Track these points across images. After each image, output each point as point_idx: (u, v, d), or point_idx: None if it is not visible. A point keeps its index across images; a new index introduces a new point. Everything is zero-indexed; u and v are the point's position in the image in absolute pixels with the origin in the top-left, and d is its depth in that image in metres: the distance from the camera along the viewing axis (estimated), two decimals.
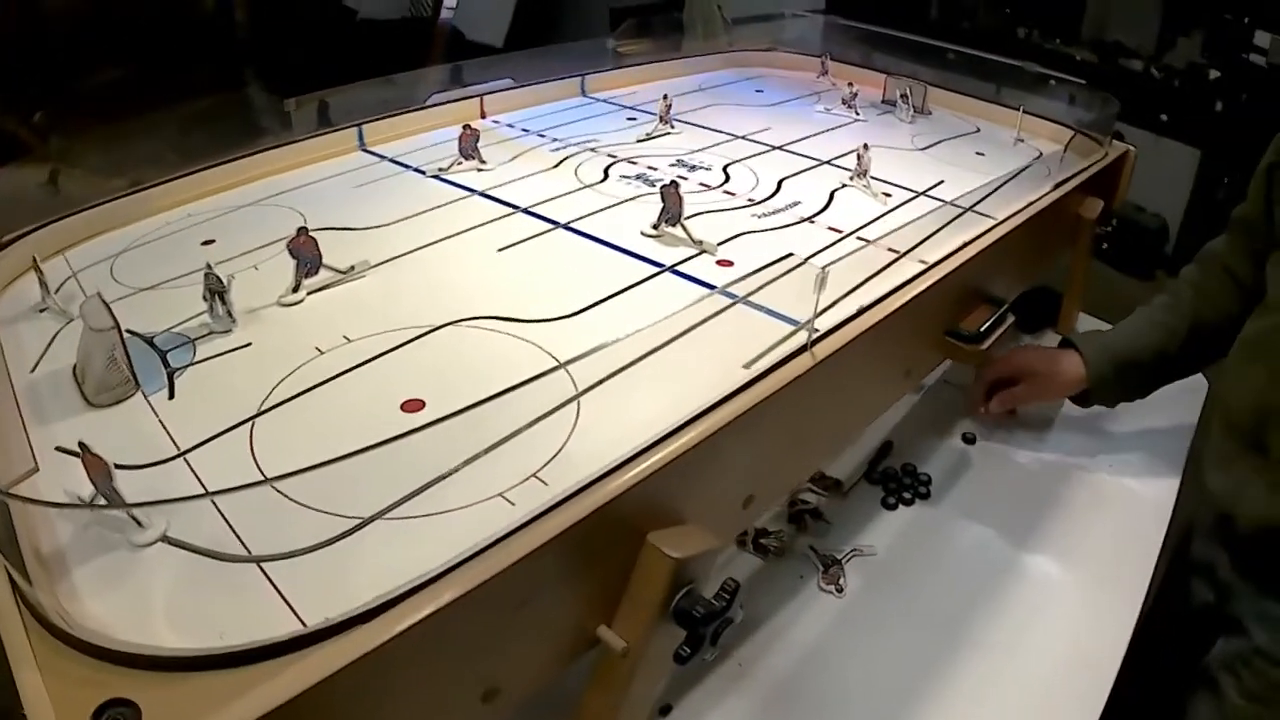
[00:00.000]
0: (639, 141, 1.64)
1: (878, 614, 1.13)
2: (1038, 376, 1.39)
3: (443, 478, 0.75)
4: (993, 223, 1.24)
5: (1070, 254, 1.65)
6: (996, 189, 1.29)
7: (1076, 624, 1.13)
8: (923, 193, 1.43)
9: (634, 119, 1.79)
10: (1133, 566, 1.21)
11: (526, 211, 1.32)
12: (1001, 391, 1.42)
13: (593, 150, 1.59)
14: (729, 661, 1.05)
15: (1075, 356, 1.37)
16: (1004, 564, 1.22)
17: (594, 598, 0.75)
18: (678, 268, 1.16)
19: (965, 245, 1.18)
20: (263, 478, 0.79)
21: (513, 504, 0.74)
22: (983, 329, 1.21)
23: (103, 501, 0.72)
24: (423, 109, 1.69)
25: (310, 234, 1.09)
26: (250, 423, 0.86)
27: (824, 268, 0.90)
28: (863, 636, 1.10)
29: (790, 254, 0.97)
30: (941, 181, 1.47)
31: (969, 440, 1.44)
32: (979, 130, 1.78)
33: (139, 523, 0.71)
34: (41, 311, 1.07)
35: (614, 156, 1.56)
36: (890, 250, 1.15)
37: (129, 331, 0.97)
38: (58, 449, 0.81)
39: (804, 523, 1.25)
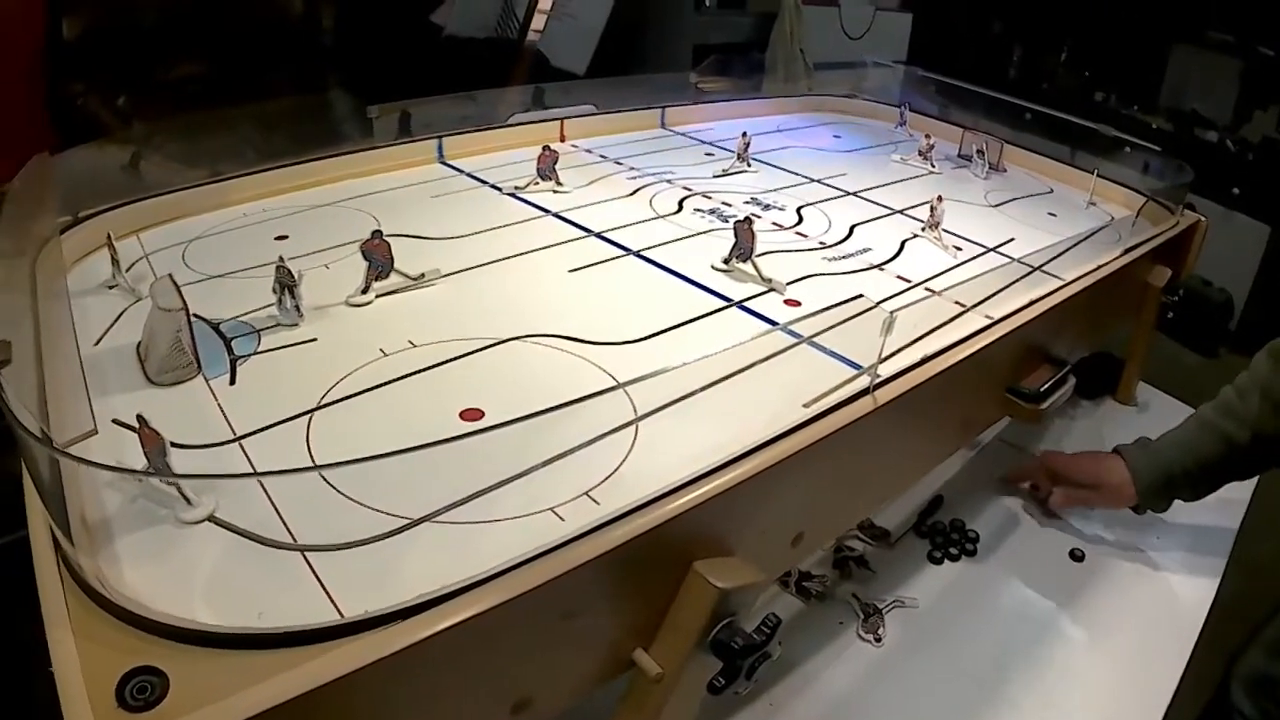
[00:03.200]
0: (715, 177, 1.65)
1: (914, 666, 1.11)
2: (1101, 489, 1.34)
3: (496, 487, 0.75)
4: (1060, 283, 1.23)
5: (1135, 321, 1.63)
6: (1066, 250, 1.28)
7: (1109, 695, 1.10)
8: (993, 249, 1.42)
9: (711, 154, 1.80)
10: (1169, 643, 1.19)
11: (599, 236, 1.33)
12: (1068, 491, 1.37)
13: (669, 182, 1.60)
14: (761, 700, 1.04)
15: (1125, 469, 1.31)
16: (1043, 628, 1.19)
17: (634, 620, 0.75)
18: (745, 304, 1.16)
19: (1031, 304, 1.17)
20: (312, 464, 0.79)
21: (563, 519, 0.74)
22: (1043, 388, 1.19)
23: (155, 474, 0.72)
24: (503, 127, 1.71)
25: (384, 238, 1.10)
26: (309, 416, 0.86)
27: (892, 312, 0.89)
28: (896, 688, 1.08)
29: (860, 295, 0.97)
30: (1012, 239, 1.46)
31: (1077, 558, 1.35)
32: (1052, 191, 1.77)
33: (188, 500, 0.72)
34: (111, 288, 1.09)
35: (689, 190, 1.56)
36: (957, 303, 1.14)
37: (196, 316, 0.99)
38: (114, 422, 0.82)
39: (848, 569, 1.24)
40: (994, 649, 1.15)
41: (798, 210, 1.52)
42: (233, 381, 0.92)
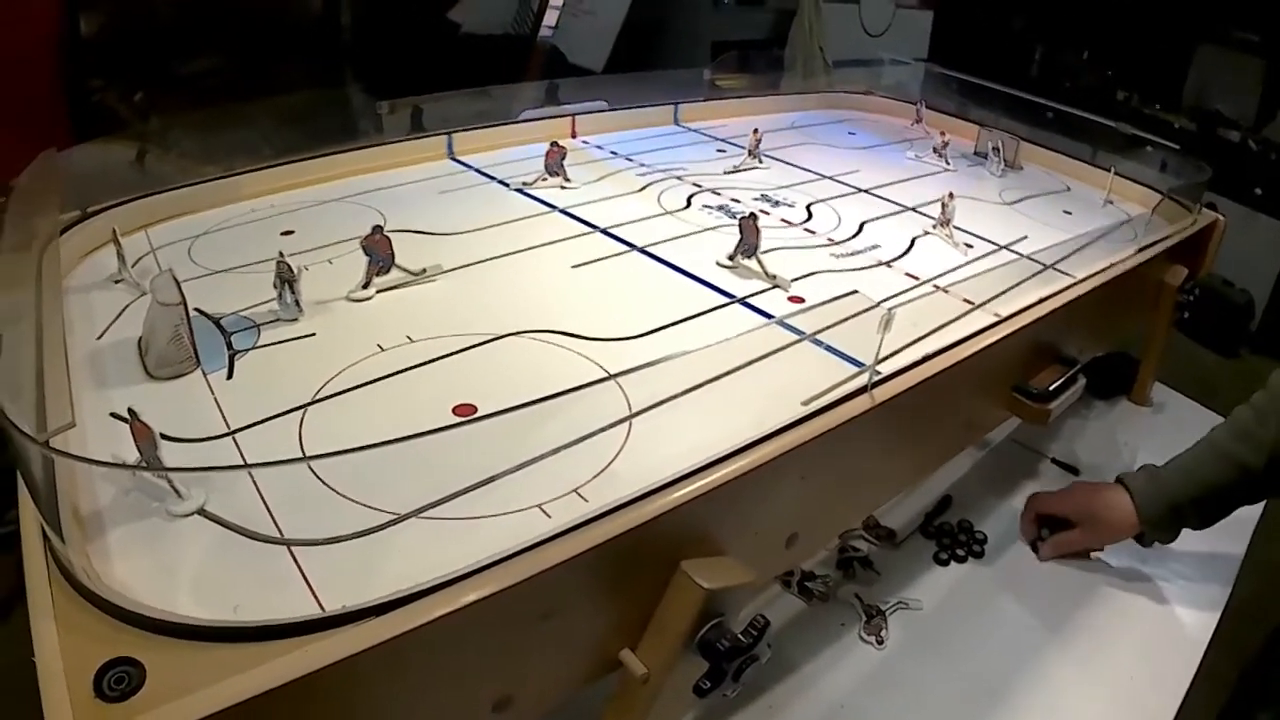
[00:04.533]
0: (726, 173, 1.64)
1: (915, 670, 1.10)
2: (1094, 523, 1.27)
3: (483, 483, 0.75)
4: (1071, 281, 1.22)
5: (1150, 321, 1.61)
6: (1080, 248, 1.26)
7: (1116, 701, 1.09)
8: (1005, 246, 1.40)
9: (723, 151, 1.79)
10: (1179, 648, 1.17)
11: (605, 232, 1.32)
12: (1056, 537, 1.30)
13: (679, 178, 1.59)
14: (758, 702, 1.03)
15: (1128, 499, 1.23)
16: (1050, 632, 1.18)
17: (620, 619, 0.74)
18: (749, 300, 1.15)
19: (1041, 301, 1.15)
20: (300, 457, 0.79)
21: (549, 516, 0.74)
22: (1051, 388, 1.18)
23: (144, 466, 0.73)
24: (514, 123, 1.71)
25: (385, 233, 1.10)
26: (302, 411, 0.86)
27: (890, 310, 0.88)
28: (898, 691, 1.07)
29: (854, 291, 0.95)
30: (1025, 237, 1.45)
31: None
32: (1069, 189, 1.75)
33: (178, 493, 0.72)
34: (117, 283, 1.10)
35: (699, 186, 1.56)
36: (965, 300, 1.13)
37: (198, 311, 1.00)
38: (112, 415, 0.82)
39: (852, 570, 1.23)
40: (999, 652, 1.13)
41: (807, 207, 1.51)
42: (230, 376, 0.92)
